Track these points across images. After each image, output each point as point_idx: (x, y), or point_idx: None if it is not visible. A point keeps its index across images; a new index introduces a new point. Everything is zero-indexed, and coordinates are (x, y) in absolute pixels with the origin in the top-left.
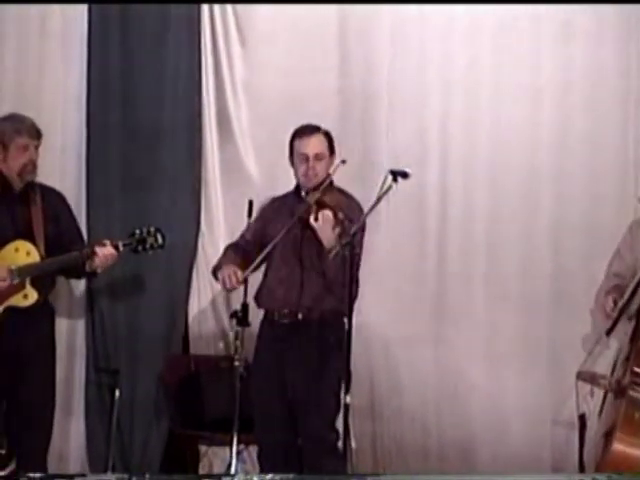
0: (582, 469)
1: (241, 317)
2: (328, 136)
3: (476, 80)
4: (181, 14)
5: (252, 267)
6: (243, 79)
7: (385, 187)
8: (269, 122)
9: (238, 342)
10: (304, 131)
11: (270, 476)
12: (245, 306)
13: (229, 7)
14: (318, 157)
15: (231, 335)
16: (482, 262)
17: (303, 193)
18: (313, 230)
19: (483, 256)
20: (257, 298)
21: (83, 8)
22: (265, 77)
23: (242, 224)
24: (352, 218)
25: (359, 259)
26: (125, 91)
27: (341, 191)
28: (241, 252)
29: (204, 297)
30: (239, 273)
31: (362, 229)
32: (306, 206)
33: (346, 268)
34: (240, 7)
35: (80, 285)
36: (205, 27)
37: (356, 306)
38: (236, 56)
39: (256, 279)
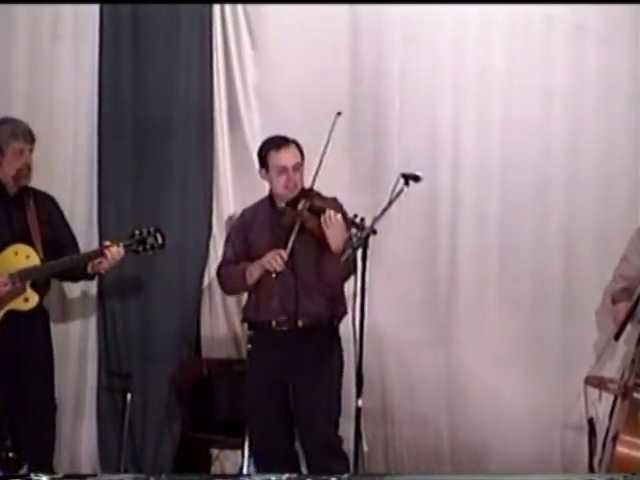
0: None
1: None
2: (299, 146)
3: (488, 83)
4: (192, 16)
5: (289, 248)
6: (254, 82)
7: (397, 190)
8: (280, 124)
9: (249, 346)
10: (278, 143)
11: (286, 476)
12: None
13: (240, 10)
14: (296, 167)
15: (243, 339)
16: (493, 265)
17: (282, 204)
18: (306, 237)
19: (494, 259)
20: (247, 312)
21: (95, 11)
22: (276, 80)
23: None
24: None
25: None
26: (136, 94)
27: (318, 193)
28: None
29: (216, 300)
30: (283, 253)
31: None
32: (294, 214)
33: (357, 271)
34: (251, 10)
35: (91, 288)
36: (216, 30)
37: (367, 309)
38: (247, 59)
39: None
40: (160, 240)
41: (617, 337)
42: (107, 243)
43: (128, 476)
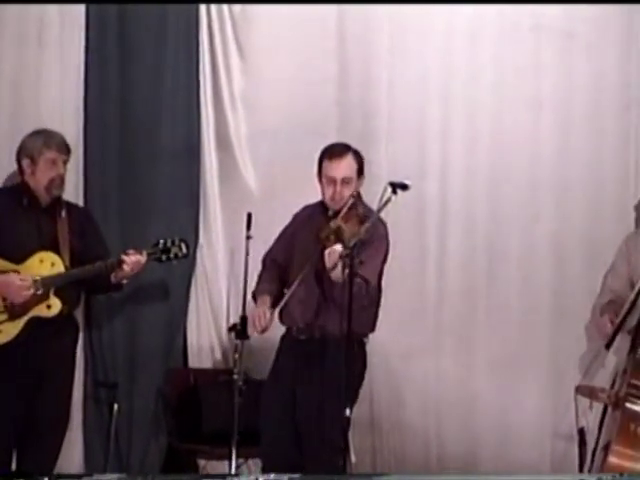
0: None
1: (240, 330)
2: (358, 157)
3: (476, 91)
4: (179, 25)
5: (279, 307)
6: (241, 91)
7: (385, 199)
8: (267, 135)
9: (237, 355)
10: (334, 152)
11: (273, 476)
12: (244, 319)
13: (227, 19)
14: (345, 181)
15: (230, 348)
16: (482, 273)
17: (330, 212)
18: None
19: (483, 268)
20: (280, 315)
21: (81, 18)
22: (263, 89)
23: (241, 237)
24: (361, 257)
25: (380, 282)
26: (123, 103)
27: (365, 215)
28: (276, 270)
29: (203, 310)
30: (268, 314)
31: (384, 259)
32: (327, 232)
33: (345, 288)
34: (239, 19)
35: None
36: (203, 40)
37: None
38: (234, 68)
39: None
40: (184, 250)
41: (608, 346)
42: (130, 251)
43: (115, 476)
